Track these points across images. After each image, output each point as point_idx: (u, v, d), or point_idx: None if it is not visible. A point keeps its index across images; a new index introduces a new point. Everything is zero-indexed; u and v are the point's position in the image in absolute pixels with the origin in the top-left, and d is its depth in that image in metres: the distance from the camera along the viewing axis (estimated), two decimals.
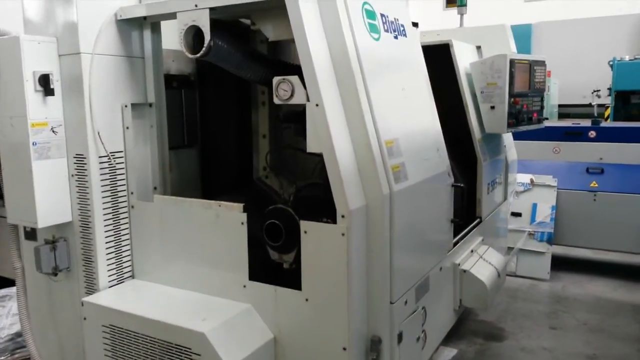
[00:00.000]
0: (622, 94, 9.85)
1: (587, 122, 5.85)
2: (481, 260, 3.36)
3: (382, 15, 2.57)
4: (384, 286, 2.27)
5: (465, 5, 4.62)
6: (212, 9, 2.34)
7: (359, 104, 2.22)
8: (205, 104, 3.27)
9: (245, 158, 3.34)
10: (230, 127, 3.36)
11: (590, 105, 10.11)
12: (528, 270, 5.32)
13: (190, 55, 2.41)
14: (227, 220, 2.45)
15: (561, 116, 11.67)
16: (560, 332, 4.14)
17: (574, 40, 12.23)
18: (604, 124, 5.77)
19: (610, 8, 12.04)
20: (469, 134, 3.84)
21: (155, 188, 2.86)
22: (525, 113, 3.97)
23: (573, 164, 5.49)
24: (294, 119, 2.48)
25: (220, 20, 2.82)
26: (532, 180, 5.51)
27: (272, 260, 2.40)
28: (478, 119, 3.86)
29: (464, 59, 3.88)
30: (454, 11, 4.96)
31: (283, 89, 2.22)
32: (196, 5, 2.36)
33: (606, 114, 9.98)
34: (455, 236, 3.28)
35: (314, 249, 2.22)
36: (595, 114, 8.66)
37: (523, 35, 12.08)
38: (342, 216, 2.13)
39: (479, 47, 4.39)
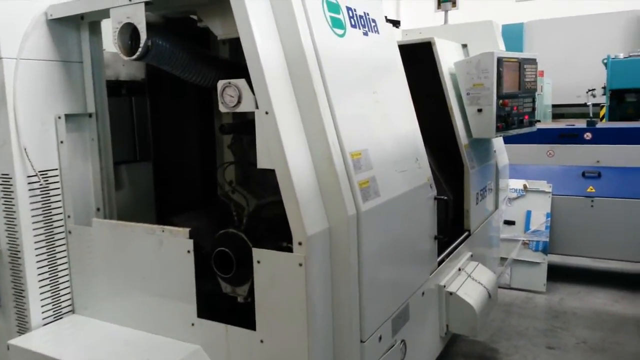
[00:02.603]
0: (617, 93, 9.58)
1: (582, 123, 5.56)
2: (470, 280, 3.04)
3: (348, 8, 2.25)
4: (352, 323, 1.95)
5: (449, 1, 4.32)
6: (148, 4, 2.02)
7: (317, 110, 1.89)
8: (160, 112, 2.94)
9: (209, 172, 3.02)
10: (190, 138, 3.03)
11: (585, 105, 9.82)
12: (523, 282, 5.01)
13: (125, 58, 2.09)
14: (172, 248, 2.12)
15: (555, 117, 11.39)
16: (559, 352, 3.82)
17: (567, 38, 11.98)
18: (600, 124, 5.48)
19: (602, 5, 11.79)
20: (454, 140, 3.53)
21: (98, 209, 2.52)
22: (515, 115, 3.67)
23: (568, 168, 5.19)
24: (242, 129, 2.16)
25: (173, 19, 2.52)
26: (525, 186, 5.20)
27: (225, 294, 2.07)
28: (464, 123, 3.55)
29: (448, 58, 3.57)
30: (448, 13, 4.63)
31: (229, 94, 1.90)
32: (130, 0, 2.04)
33: (601, 114, 9.70)
34: (440, 253, 2.96)
35: (269, 281, 1.89)
36: (591, 114, 8.38)
37: (515, 34, 11.82)
38: (299, 243, 1.81)
39: (465, 46, 4.09)
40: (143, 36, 2.02)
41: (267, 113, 1.81)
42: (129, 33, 2.11)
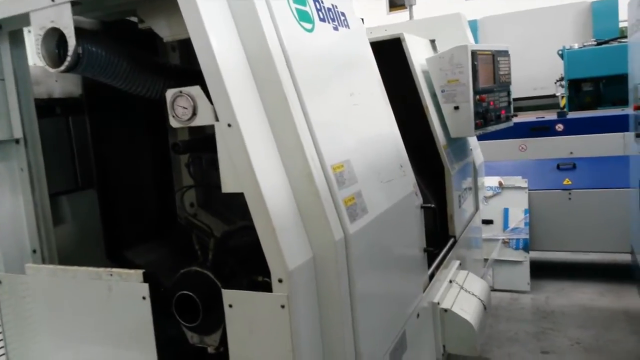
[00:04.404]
0: (574, 83, 9.66)
1: (552, 115, 5.45)
2: (463, 293, 2.78)
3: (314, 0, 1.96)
4: None
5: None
6: (75, 4, 1.67)
7: (290, 118, 1.59)
8: (103, 132, 2.55)
9: (166, 195, 2.66)
10: (141, 158, 2.65)
11: (554, 96, 9.86)
12: (506, 282, 4.83)
13: (51, 70, 1.73)
14: (124, 294, 1.76)
15: (515, 110, 11.42)
16: (555, 357, 3.63)
17: (520, 32, 12.09)
18: (571, 115, 5.38)
19: None
20: (431, 140, 3.28)
21: (34, 251, 2.13)
22: (492, 111, 3.47)
23: (542, 162, 5.06)
24: (201, 146, 1.82)
25: (111, 23, 2.16)
26: (500, 183, 5.04)
27: (192, 345, 1.72)
28: (441, 122, 3.31)
29: (418, 54, 3.33)
30: (399, 15, 4.40)
31: (181, 105, 1.56)
32: (53, 0, 1.69)
33: (562, 104, 9.78)
34: (429, 266, 2.69)
35: (245, 329, 1.56)
36: (561, 105, 8.37)
37: (470, 31, 11.81)
38: (280, 280, 1.49)
39: (432, 41, 3.87)
40: (71, 42, 1.67)
41: (229, 125, 1.49)
42: (55, 40, 1.75)
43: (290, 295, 1.48)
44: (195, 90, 1.54)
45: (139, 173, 2.61)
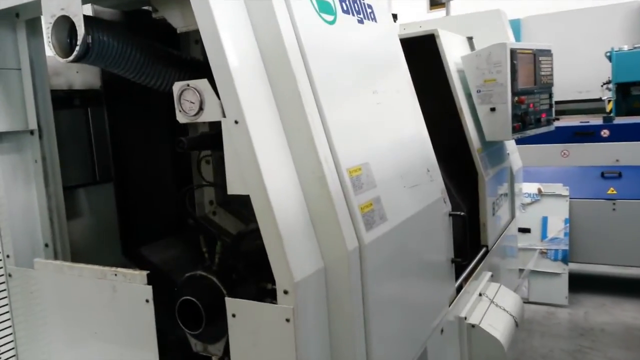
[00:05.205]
0: (623, 87, 9.18)
1: (597, 120, 5.14)
2: (493, 307, 2.61)
3: None
4: None
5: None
6: None
7: (304, 116, 1.47)
8: (121, 125, 2.50)
9: (185, 191, 2.58)
10: (160, 152, 2.59)
11: (601, 99, 9.43)
12: (542, 295, 4.58)
13: (61, 60, 1.67)
14: (127, 296, 1.68)
15: (557, 114, 10.97)
16: None
17: (566, 32, 11.60)
18: (617, 120, 5.06)
19: None
20: (465, 143, 3.11)
21: (46, 245, 2.09)
22: (532, 114, 3.26)
23: (585, 169, 4.77)
24: (208, 143, 1.72)
25: (132, 14, 2.11)
26: (540, 190, 4.78)
27: (196, 353, 1.63)
28: (476, 124, 3.13)
29: (453, 52, 3.16)
30: (440, 13, 4.21)
31: (188, 99, 1.47)
32: None
33: (608, 108, 9.31)
34: (457, 277, 2.53)
35: (248, 340, 1.46)
36: (607, 110, 7.96)
37: (512, 31, 11.41)
38: (285, 292, 1.38)
39: (470, 39, 3.67)
40: (81, 31, 1.60)
41: (236, 122, 1.38)
42: (66, 29, 1.69)
43: (296, 308, 1.37)
44: (202, 83, 1.44)
45: (157, 168, 2.54)
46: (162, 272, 2.22)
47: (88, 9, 2.04)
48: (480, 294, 2.68)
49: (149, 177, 2.51)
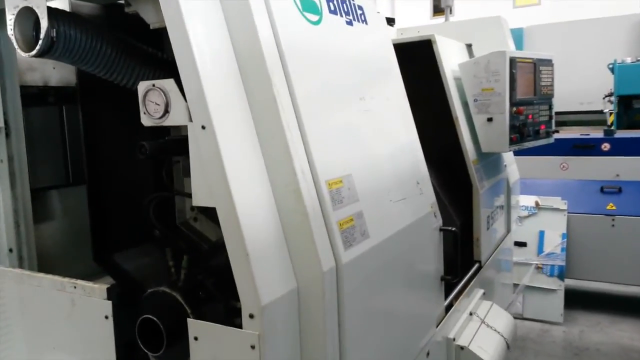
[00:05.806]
0: (625, 99, 9.09)
1: (597, 132, 5.02)
2: (484, 328, 2.48)
3: None
4: None
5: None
6: None
7: (279, 124, 1.35)
8: (96, 124, 2.37)
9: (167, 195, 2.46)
10: (136, 154, 2.46)
11: (602, 112, 9.35)
12: (537, 311, 4.45)
13: (24, 54, 1.55)
14: (86, 311, 1.56)
15: (558, 125, 10.86)
16: None
17: (568, 43, 11.51)
18: (619, 133, 4.94)
19: (604, 9, 11.35)
20: (460, 154, 2.99)
21: (10, 250, 1.96)
22: (530, 125, 3.14)
23: (585, 183, 4.65)
24: (173, 149, 1.60)
25: (113, 9, 1.99)
26: (537, 203, 4.66)
27: None
28: (472, 134, 3.01)
29: (450, 59, 3.04)
30: (443, 20, 4.08)
31: (153, 101, 1.35)
32: None
33: (610, 121, 9.21)
34: (447, 295, 2.40)
35: None
36: (608, 122, 7.86)
37: (515, 40, 11.32)
38: (251, 316, 1.25)
39: (469, 46, 3.56)
40: (44, 24, 1.49)
41: (203, 128, 1.26)
42: (31, 21, 1.57)
43: (262, 334, 1.24)
44: (169, 83, 1.32)
45: (135, 171, 2.42)
46: (135, 281, 2.10)
47: (65, 3, 1.92)
48: (470, 313, 2.55)
49: (125, 180, 2.38)
